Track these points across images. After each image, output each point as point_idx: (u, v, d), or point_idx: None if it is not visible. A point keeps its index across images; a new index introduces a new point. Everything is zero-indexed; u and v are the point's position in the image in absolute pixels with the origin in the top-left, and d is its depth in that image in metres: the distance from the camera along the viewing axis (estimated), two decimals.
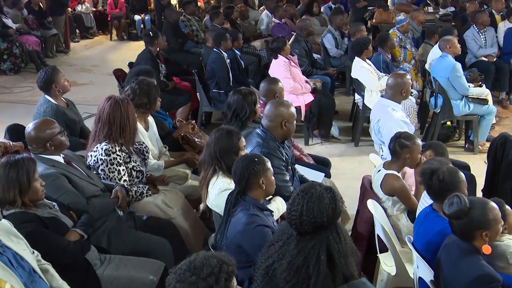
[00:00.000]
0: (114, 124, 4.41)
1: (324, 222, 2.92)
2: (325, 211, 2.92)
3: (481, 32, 9.69)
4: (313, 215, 2.90)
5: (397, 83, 5.84)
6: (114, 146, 4.40)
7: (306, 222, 2.91)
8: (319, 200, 2.93)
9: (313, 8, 12.06)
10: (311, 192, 2.98)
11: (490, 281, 3.13)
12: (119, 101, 4.50)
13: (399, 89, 5.82)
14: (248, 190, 3.60)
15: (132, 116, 4.53)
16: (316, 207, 2.92)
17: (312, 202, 2.93)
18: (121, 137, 4.44)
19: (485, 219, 3.24)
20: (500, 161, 5.58)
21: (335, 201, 2.97)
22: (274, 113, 4.60)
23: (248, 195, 3.60)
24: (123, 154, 4.45)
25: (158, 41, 8.00)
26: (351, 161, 7.39)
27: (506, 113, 9.34)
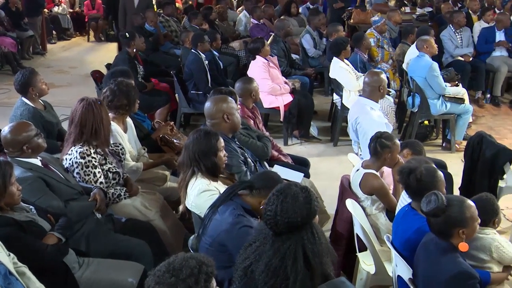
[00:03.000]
0: (87, 126, 4.38)
1: (298, 222, 2.91)
2: (299, 211, 2.91)
3: (458, 32, 9.80)
4: (287, 215, 2.90)
5: (373, 80, 5.91)
6: (89, 148, 4.37)
7: (281, 222, 2.90)
8: (293, 200, 2.93)
9: (291, 9, 12.10)
10: (286, 192, 2.97)
11: (468, 278, 3.17)
12: (92, 103, 4.46)
13: (376, 86, 5.88)
14: (248, 195, 3.59)
15: (105, 118, 4.50)
16: (291, 207, 2.91)
17: (287, 202, 2.92)
18: (95, 139, 4.40)
19: (462, 217, 3.28)
20: (477, 160, 5.63)
21: (310, 201, 2.97)
22: (214, 110, 4.67)
23: (239, 197, 3.59)
24: (98, 156, 4.42)
25: (135, 42, 7.96)
26: (330, 161, 7.41)
27: (482, 112, 9.44)
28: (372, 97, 5.93)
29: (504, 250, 3.64)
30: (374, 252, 4.09)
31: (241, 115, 5.46)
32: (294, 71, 9.11)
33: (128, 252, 4.07)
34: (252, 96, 5.85)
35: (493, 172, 5.50)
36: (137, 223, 4.45)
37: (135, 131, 5.31)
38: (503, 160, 5.44)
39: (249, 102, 5.85)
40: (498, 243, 3.65)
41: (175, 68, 8.63)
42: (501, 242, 3.67)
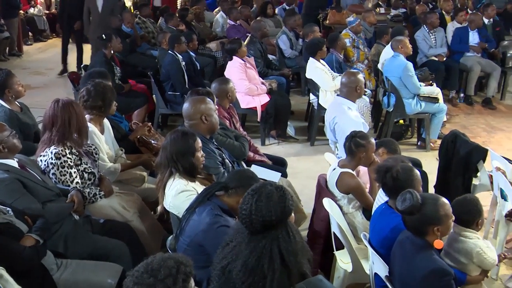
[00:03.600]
0: (59, 127, 4.35)
1: (273, 221, 2.91)
2: (274, 210, 2.91)
3: (431, 33, 9.89)
4: (261, 213, 2.90)
5: (350, 81, 5.95)
6: (64, 149, 4.33)
7: (256, 221, 2.91)
8: (267, 199, 2.93)
9: (267, 10, 12.10)
10: (260, 191, 2.98)
11: (443, 275, 3.20)
12: (64, 104, 4.43)
13: (353, 86, 5.92)
14: (224, 195, 3.59)
15: (79, 118, 4.46)
16: (265, 206, 2.91)
17: (261, 201, 2.92)
18: (68, 139, 4.37)
19: (436, 215, 3.31)
20: (451, 158, 5.68)
21: (284, 200, 2.97)
22: (192, 111, 4.67)
23: (216, 197, 3.59)
24: (74, 157, 4.39)
25: (112, 43, 7.91)
26: (307, 160, 7.43)
27: (456, 111, 9.54)
28: (350, 97, 5.97)
29: (485, 256, 3.66)
30: (351, 250, 4.11)
31: (218, 115, 5.46)
32: (271, 71, 9.12)
33: (106, 253, 4.04)
34: (228, 97, 5.85)
35: (467, 170, 5.55)
36: (115, 224, 4.43)
37: (112, 132, 5.27)
38: (477, 158, 5.49)
39: (226, 102, 5.85)
40: (480, 249, 3.66)
41: (152, 69, 8.60)
42: (483, 248, 3.68)
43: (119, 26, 10.17)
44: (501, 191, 5.01)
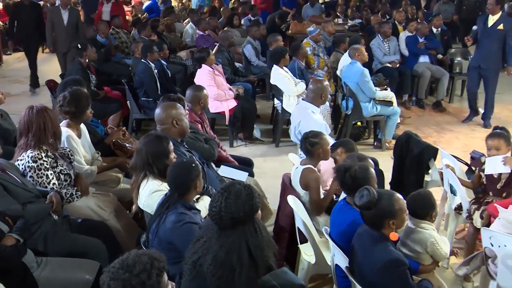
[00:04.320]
0: (35, 131, 4.28)
1: (241, 217, 2.92)
2: (242, 207, 2.92)
3: (385, 41, 9.99)
4: (230, 210, 2.91)
5: (317, 88, 6.02)
6: (40, 152, 4.27)
7: (225, 217, 2.91)
8: (236, 197, 2.94)
9: (234, 21, 12.14)
10: (229, 189, 2.99)
11: (398, 265, 3.23)
12: (39, 110, 4.37)
13: (319, 93, 5.99)
14: (185, 194, 3.59)
15: (53, 123, 4.39)
16: (234, 203, 2.92)
17: (230, 198, 2.93)
18: (42, 143, 4.30)
19: (392, 209, 3.35)
20: (405, 157, 5.73)
21: (252, 197, 2.98)
22: (163, 116, 4.65)
23: (181, 198, 3.58)
24: (50, 159, 4.33)
25: (87, 52, 7.83)
26: (273, 160, 7.44)
27: (409, 113, 9.62)
28: (314, 102, 6.03)
29: (438, 247, 3.70)
30: (314, 243, 4.13)
31: (190, 120, 5.44)
32: (237, 78, 9.13)
33: (84, 251, 4.00)
34: (201, 103, 5.83)
35: (419, 168, 5.60)
36: (93, 223, 4.39)
37: (89, 137, 5.22)
38: (428, 157, 5.55)
39: (198, 108, 5.82)
40: (434, 240, 3.71)
41: (126, 77, 8.54)
42: (437, 239, 3.72)
43: (94, 36, 10.07)
44: (451, 186, 5.08)
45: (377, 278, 3.27)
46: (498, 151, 4.69)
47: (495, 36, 8.36)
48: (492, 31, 8.37)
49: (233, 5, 16.32)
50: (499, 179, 4.75)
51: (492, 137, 4.79)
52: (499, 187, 4.75)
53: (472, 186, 5.00)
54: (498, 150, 4.69)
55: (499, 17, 8.36)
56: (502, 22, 8.32)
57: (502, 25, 8.30)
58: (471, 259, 4.31)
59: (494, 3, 8.32)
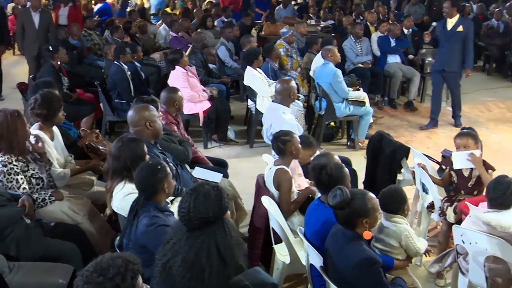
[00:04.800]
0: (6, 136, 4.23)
1: (210, 218, 2.91)
2: (210, 207, 2.91)
3: (357, 42, 10.05)
4: (199, 211, 2.90)
5: (284, 88, 6.03)
6: (10, 157, 4.22)
7: (194, 218, 2.90)
8: (204, 198, 2.93)
9: (207, 22, 12.11)
10: (198, 190, 2.98)
11: (372, 263, 3.26)
12: (8, 114, 4.31)
13: (287, 93, 6.00)
14: (152, 196, 3.57)
15: (20, 128, 4.31)
16: (202, 204, 2.91)
17: (198, 199, 2.92)
18: (11, 148, 4.25)
19: (365, 208, 3.37)
20: (378, 156, 5.78)
21: (221, 198, 2.97)
22: (136, 118, 4.62)
23: (150, 200, 3.56)
24: (20, 164, 4.27)
25: (59, 54, 7.74)
26: (247, 161, 7.44)
27: (381, 113, 9.71)
28: (284, 102, 6.04)
29: (412, 241, 3.75)
30: (288, 243, 4.14)
31: (165, 121, 5.42)
32: (211, 79, 9.11)
33: (57, 255, 3.95)
34: (176, 105, 5.80)
35: (392, 167, 5.65)
36: (66, 226, 4.34)
37: (61, 139, 5.17)
38: (400, 156, 5.60)
39: (173, 110, 5.80)
40: (408, 233, 3.76)
41: (99, 79, 8.46)
42: (411, 234, 3.78)
43: (66, 38, 9.96)
44: (423, 185, 5.14)
45: (351, 277, 3.29)
46: (466, 149, 4.77)
47: (456, 39, 8.42)
48: (452, 34, 8.42)
49: (206, 6, 16.29)
50: (470, 178, 4.81)
51: (460, 136, 4.88)
52: (470, 185, 4.82)
53: (442, 183, 5.06)
54: (466, 148, 4.78)
55: (457, 20, 8.42)
56: (461, 24, 8.39)
57: (461, 26, 8.36)
58: (443, 257, 4.37)
59: (450, 6, 8.38)
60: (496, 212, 3.79)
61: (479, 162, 4.71)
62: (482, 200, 4.10)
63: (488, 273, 3.72)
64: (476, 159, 4.70)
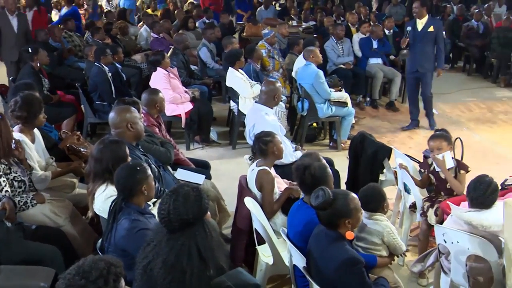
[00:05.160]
0: None
1: (190, 219, 2.92)
2: (190, 209, 2.92)
3: (339, 43, 10.10)
4: (179, 212, 2.91)
5: (270, 89, 6.03)
6: None
7: (174, 220, 2.91)
8: (184, 199, 2.94)
9: (189, 23, 12.09)
10: (177, 191, 2.99)
11: (354, 263, 3.27)
12: None
13: (271, 95, 6.00)
14: (131, 197, 3.55)
15: (4, 131, 4.30)
16: (182, 205, 2.92)
17: (178, 201, 2.93)
18: None
19: (347, 209, 3.38)
20: (360, 156, 5.80)
21: (200, 199, 2.98)
22: (118, 120, 4.60)
23: (130, 202, 3.54)
24: (3, 166, 4.24)
25: (38, 56, 7.68)
26: (230, 162, 7.43)
27: (363, 113, 9.75)
28: (268, 104, 6.04)
29: (393, 237, 3.79)
30: (271, 244, 4.14)
31: (147, 123, 5.40)
32: (193, 81, 9.10)
33: (39, 258, 3.91)
34: (157, 107, 5.79)
35: (374, 167, 5.68)
36: (47, 229, 4.31)
37: (42, 142, 5.13)
38: (382, 156, 5.63)
39: (154, 111, 5.78)
40: (390, 230, 3.80)
41: (80, 81, 8.40)
42: (393, 230, 3.83)
43: (46, 39, 9.87)
44: (405, 185, 5.17)
45: (334, 277, 3.30)
46: (440, 151, 4.82)
47: (427, 39, 8.40)
48: (424, 35, 8.39)
49: (188, 7, 16.26)
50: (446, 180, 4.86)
51: (433, 139, 4.92)
52: (449, 186, 4.86)
53: (421, 184, 5.11)
54: (440, 150, 4.83)
55: (427, 20, 8.40)
56: (432, 24, 8.37)
57: (432, 27, 8.34)
58: (425, 256, 4.39)
59: (419, 6, 8.36)
60: (477, 212, 3.83)
61: (443, 165, 4.76)
62: (463, 200, 4.14)
63: (470, 272, 3.75)
64: (440, 163, 4.76)
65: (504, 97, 11.06)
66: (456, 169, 4.85)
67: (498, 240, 3.71)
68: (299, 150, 5.88)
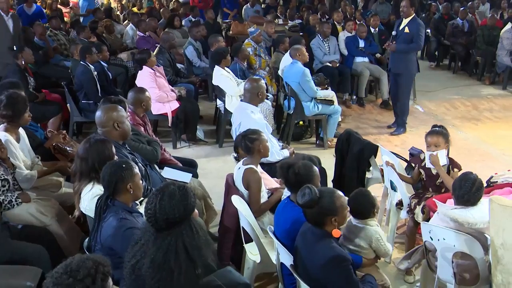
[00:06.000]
0: None
1: (177, 218, 2.93)
2: (176, 207, 2.92)
3: (325, 41, 10.12)
4: (165, 211, 2.91)
5: (253, 87, 6.03)
6: None
7: (160, 219, 2.91)
8: (170, 198, 2.94)
9: (175, 22, 12.05)
10: (163, 190, 2.99)
11: (342, 261, 3.29)
12: None
13: (255, 92, 6.01)
14: (117, 195, 3.54)
15: None
16: (168, 204, 2.92)
17: (164, 200, 2.93)
18: None
19: (333, 206, 3.40)
20: (346, 154, 5.83)
21: (186, 198, 2.98)
22: (104, 119, 4.59)
23: (117, 200, 3.54)
24: None
25: (23, 54, 7.64)
26: (216, 161, 7.44)
27: (349, 111, 9.79)
28: (252, 101, 6.04)
29: (382, 243, 3.79)
30: (258, 243, 4.15)
31: (132, 122, 5.38)
32: (179, 79, 9.09)
33: (25, 257, 3.91)
34: (143, 106, 5.76)
35: (360, 165, 5.71)
36: (34, 229, 4.30)
37: (28, 141, 5.10)
38: (369, 154, 5.66)
39: (140, 110, 5.76)
40: (379, 236, 3.80)
41: (65, 79, 8.36)
42: (381, 236, 3.82)
43: (31, 38, 9.80)
44: (391, 183, 5.20)
45: (321, 275, 3.32)
46: (437, 148, 4.82)
47: (402, 40, 8.23)
48: (400, 35, 8.27)
49: (173, 6, 16.21)
50: (438, 176, 4.87)
51: (431, 134, 4.91)
52: (438, 183, 4.89)
53: (411, 181, 5.13)
54: (437, 146, 4.82)
55: (408, 21, 8.17)
56: (407, 26, 8.15)
57: (407, 28, 8.15)
58: (412, 253, 4.42)
59: (408, 5, 8.11)
60: (463, 209, 3.86)
61: (437, 163, 4.78)
62: (450, 197, 4.16)
63: (456, 269, 3.78)
64: (435, 160, 4.77)
65: (489, 94, 11.15)
66: (449, 166, 4.86)
67: (483, 237, 3.75)
68: (286, 148, 5.90)
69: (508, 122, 9.34)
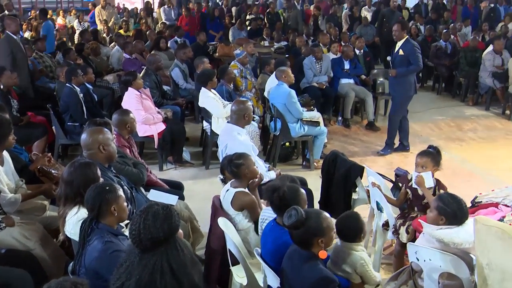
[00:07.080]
0: None
1: (161, 237, 2.92)
2: (160, 227, 2.93)
3: (317, 62, 10.14)
4: (149, 231, 2.91)
5: (239, 108, 6.04)
6: None
7: (145, 239, 2.91)
8: (154, 218, 2.94)
9: (161, 44, 12.10)
10: (147, 211, 2.99)
11: (328, 283, 3.27)
12: None
13: (242, 113, 6.02)
14: (101, 217, 3.51)
15: None
16: (152, 224, 2.92)
17: (148, 219, 2.94)
18: None
19: (320, 227, 3.39)
20: (333, 175, 5.82)
21: (170, 217, 2.99)
22: (90, 141, 4.57)
23: (101, 222, 3.50)
24: None
25: (2, 78, 7.55)
26: (203, 183, 7.41)
27: (335, 133, 9.82)
28: (239, 123, 6.04)
29: (367, 269, 3.76)
30: (245, 265, 4.12)
31: (118, 144, 5.35)
32: (166, 101, 9.08)
33: (9, 282, 3.85)
34: (128, 128, 5.74)
35: (346, 186, 5.69)
36: (17, 253, 4.24)
37: (12, 164, 5.05)
38: (355, 175, 5.65)
39: (125, 132, 5.74)
40: (364, 261, 3.76)
41: (51, 102, 8.32)
42: (367, 261, 3.79)
43: None
44: (377, 203, 5.19)
45: None
46: (424, 169, 4.83)
47: (399, 62, 8.30)
48: (396, 57, 8.36)
49: (160, 28, 16.26)
50: (424, 196, 4.88)
51: (421, 155, 4.91)
52: (424, 203, 4.89)
53: (397, 203, 5.13)
54: (424, 168, 4.83)
55: (402, 43, 8.27)
56: (401, 48, 8.25)
57: (401, 50, 8.24)
58: (398, 274, 4.40)
59: (400, 29, 8.22)
60: (448, 229, 3.86)
61: (422, 184, 4.78)
62: None
63: None
64: (421, 181, 4.78)
65: (472, 115, 11.24)
66: (436, 188, 4.87)
67: (469, 257, 3.75)
68: (272, 170, 5.89)
69: (492, 143, 9.41)
